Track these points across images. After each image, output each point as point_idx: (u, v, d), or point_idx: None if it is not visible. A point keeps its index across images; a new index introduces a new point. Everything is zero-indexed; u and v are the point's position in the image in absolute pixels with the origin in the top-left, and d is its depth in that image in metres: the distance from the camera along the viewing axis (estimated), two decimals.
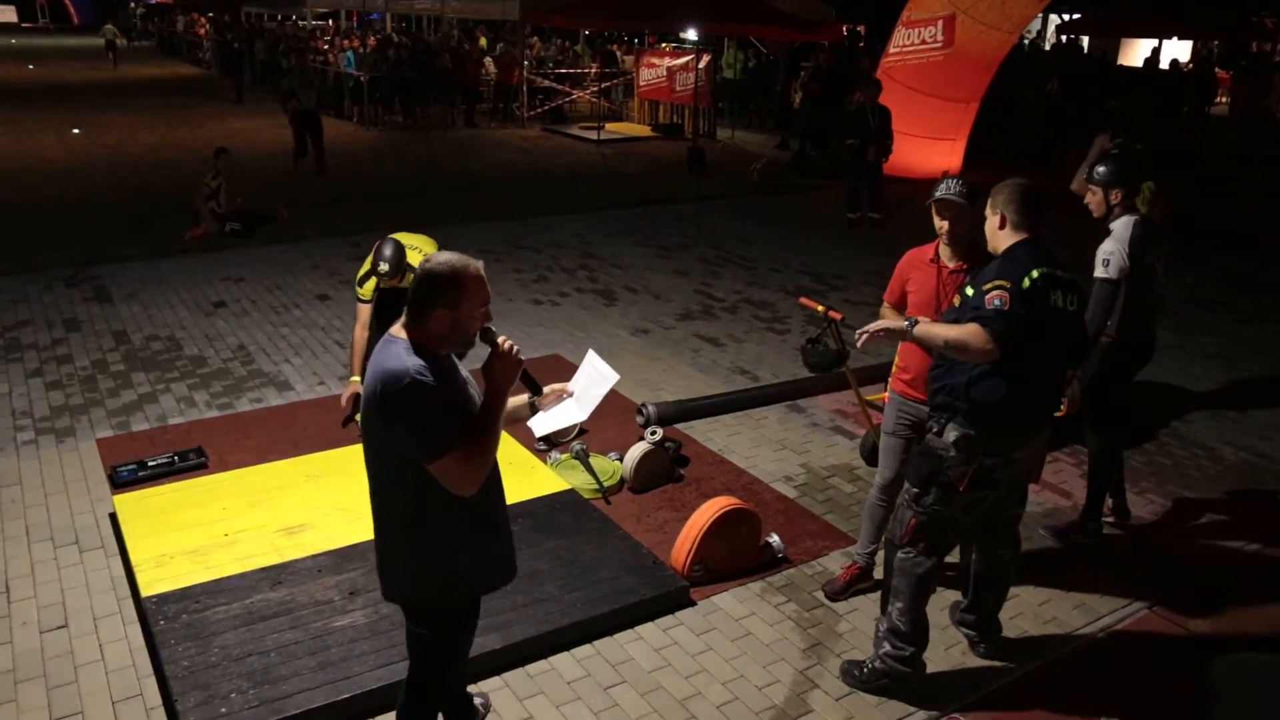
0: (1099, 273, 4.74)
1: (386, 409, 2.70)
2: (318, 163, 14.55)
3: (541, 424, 3.32)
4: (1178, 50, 27.89)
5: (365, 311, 5.93)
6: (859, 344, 3.90)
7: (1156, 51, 25.92)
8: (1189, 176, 15.21)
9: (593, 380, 3.35)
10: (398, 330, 2.82)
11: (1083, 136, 16.72)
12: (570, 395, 3.33)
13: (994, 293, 3.51)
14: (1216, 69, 26.60)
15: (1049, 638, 4.41)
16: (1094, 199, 4.88)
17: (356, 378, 5.85)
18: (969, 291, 3.64)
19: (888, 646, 3.92)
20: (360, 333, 5.92)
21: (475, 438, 2.76)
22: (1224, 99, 26.44)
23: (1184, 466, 6.12)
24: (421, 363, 2.70)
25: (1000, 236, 3.74)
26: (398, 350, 2.74)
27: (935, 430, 3.76)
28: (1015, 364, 3.52)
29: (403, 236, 6.07)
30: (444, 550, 2.92)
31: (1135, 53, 29.54)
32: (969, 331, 3.49)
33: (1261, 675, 3.66)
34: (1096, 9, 26.97)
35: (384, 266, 5.67)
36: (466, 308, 2.76)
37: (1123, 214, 4.80)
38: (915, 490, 3.83)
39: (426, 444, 2.70)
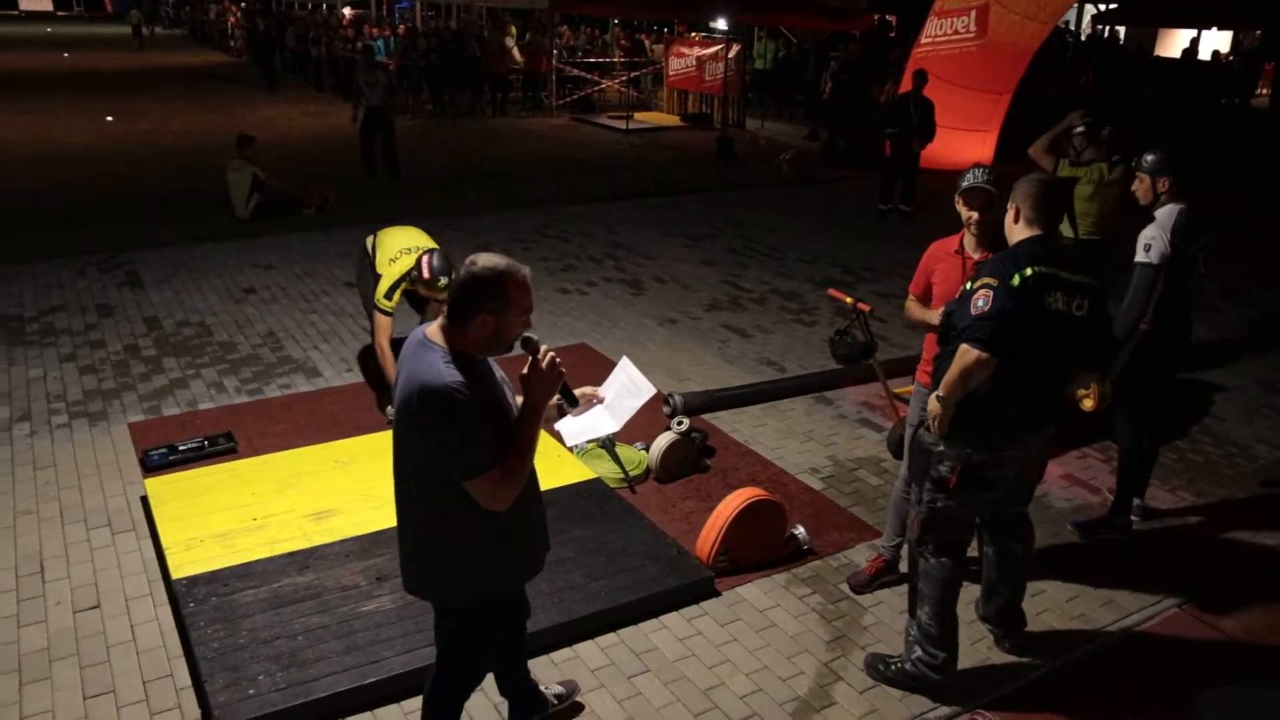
0: (1139, 257, 4.70)
1: (422, 422, 2.65)
2: (388, 165, 13.03)
3: (571, 431, 3.30)
4: (1217, 41, 27.46)
5: (389, 324, 5.86)
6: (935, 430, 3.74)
7: (1195, 42, 25.50)
8: (1227, 170, 14.99)
9: (627, 390, 3.33)
10: (434, 334, 2.74)
11: (1120, 129, 16.59)
12: (600, 401, 3.30)
13: (979, 292, 3.50)
14: (1266, 62, 26.12)
15: (1076, 634, 4.38)
16: (1141, 186, 4.85)
17: None
18: (967, 285, 3.64)
19: (919, 651, 3.90)
20: (388, 346, 5.84)
21: (512, 456, 2.70)
22: (1264, 91, 26.00)
23: (1216, 464, 6.05)
24: (460, 378, 2.62)
25: (1014, 231, 3.71)
26: (434, 360, 2.66)
27: (927, 424, 3.76)
28: (1004, 363, 3.48)
29: (403, 233, 6.03)
30: (471, 557, 2.88)
31: (1174, 43, 29.09)
32: (960, 357, 3.49)
33: (1246, 708, 3.62)
34: None
35: (443, 281, 5.59)
36: (511, 315, 2.69)
37: (1169, 201, 4.75)
38: (916, 487, 3.86)
39: (463, 463, 2.64)
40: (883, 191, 12.10)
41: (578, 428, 3.29)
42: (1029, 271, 3.47)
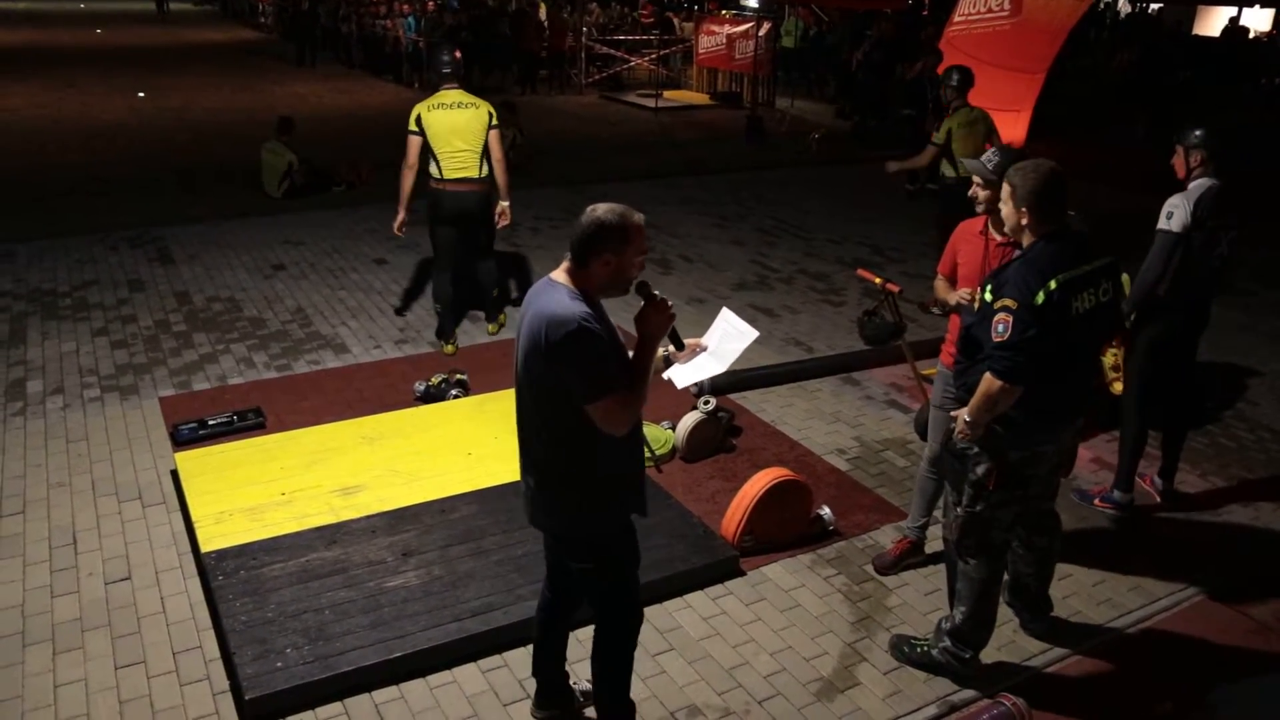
0: (1161, 224, 4.73)
1: (552, 351, 2.82)
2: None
3: (681, 376, 3.45)
4: (1258, 19, 26.92)
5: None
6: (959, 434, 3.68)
7: (1236, 20, 25.00)
8: (1261, 152, 14.73)
9: (728, 335, 3.43)
10: (559, 276, 2.97)
11: (1157, 109, 16.32)
12: (704, 349, 3.44)
13: (999, 315, 3.38)
14: None
15: (1103, 619, 4.34)
16: (1177, 159, 4.86)
17: None
18: (988, 296, 3.48)
19: (948, 643, 3.88)
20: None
21: (631, 383, 2.93)
22: None
23: (1249, 449, 5.97)
24: (587, 309, 2.85)
25: (1024, 234, 3.52)
26: (561, 296, 2.88)
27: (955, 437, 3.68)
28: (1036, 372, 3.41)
29: (447, 110, 6.46)
30: (596, 482, 3.07)
31: (1213, 22, 28.55)
32: (984, 388, 3.43)
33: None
34: None
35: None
36: (629, 254, 2.91)
37: (1201, 176, 4.75)
38: (954, 493, 3.78)
39: (590, 387, 2.84)
40: (909, 172, 11.97)
41: (686, 373, 3.44)
42: (1054, 285, 3.33)
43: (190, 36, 29.99)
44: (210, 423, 5.62)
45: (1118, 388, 5.00)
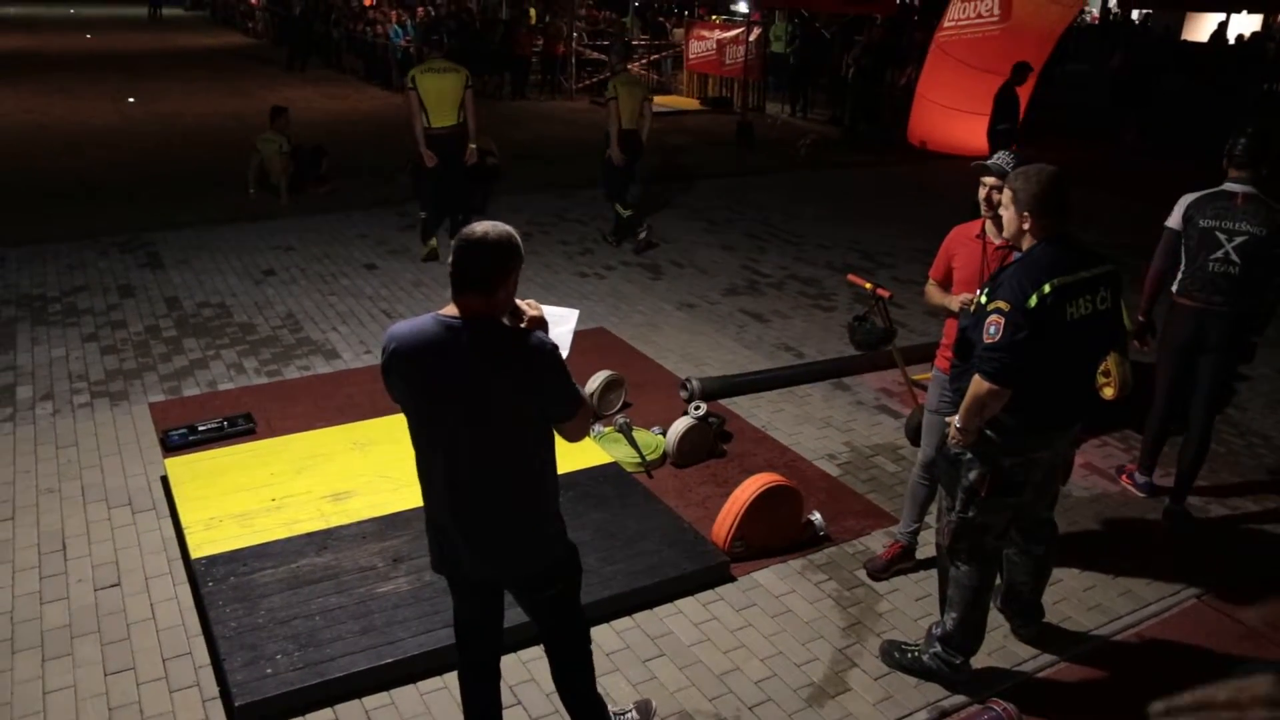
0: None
1: (543, 378, 2.79)
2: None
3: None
4: (1246, 25, 27.03)
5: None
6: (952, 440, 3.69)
7: (1224, 26, 25.07)
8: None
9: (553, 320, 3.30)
10: (484, 312, 2.75)
11: (1146, 114, 16.41)
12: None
13: (991, 317, 3.38)
14: None
15: (1094, 624, 4.36)
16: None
17: None
18: (983, 299, 3.49)
19: (939, 648, 3.88)
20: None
21: None
22: None
23: (1239, 454, 6.00)
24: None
25: (1024, 238, 3.52)
26: (505, 330, 2.79)
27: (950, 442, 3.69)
28: (1028, 375, 3.40)
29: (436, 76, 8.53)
30: (557, 496, 3.06)
31: (1202, 27, 28.64)
32: (973, 390, 3.44)
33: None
34: None
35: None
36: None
37: (1226, 183, 4.86)
38: (947, 498, 3.79)
39: (577, 398, 2.89)
40: None
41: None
42: (1047, 289, 3.32)
43: (180, 42, 29.92)
44: (200, 428, 5.60)
45: (1108, 393, 5.01)
